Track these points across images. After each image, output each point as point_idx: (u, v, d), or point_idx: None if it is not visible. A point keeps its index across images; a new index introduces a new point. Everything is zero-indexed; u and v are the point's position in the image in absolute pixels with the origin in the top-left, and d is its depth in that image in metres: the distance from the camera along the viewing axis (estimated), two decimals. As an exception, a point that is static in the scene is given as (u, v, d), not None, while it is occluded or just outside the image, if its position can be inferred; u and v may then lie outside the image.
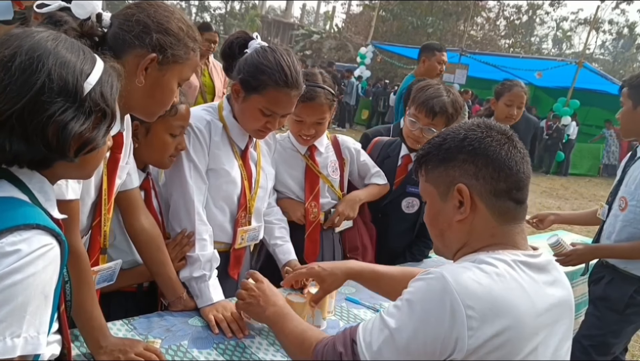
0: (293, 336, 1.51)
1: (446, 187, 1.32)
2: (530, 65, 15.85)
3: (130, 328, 1.76)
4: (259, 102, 1.98)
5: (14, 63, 0.99)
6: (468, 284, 1.16)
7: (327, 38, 32.01)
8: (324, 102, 2.30)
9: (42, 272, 1.00)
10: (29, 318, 0.98)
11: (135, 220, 1.85)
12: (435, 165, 1.35)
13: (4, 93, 0.98)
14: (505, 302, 1.16)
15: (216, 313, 1.87)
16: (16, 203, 1.04)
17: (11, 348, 0.96)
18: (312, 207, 2.48)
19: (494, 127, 1.33)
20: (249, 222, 2.21)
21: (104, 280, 1.77)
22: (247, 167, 2.17)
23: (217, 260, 2.02)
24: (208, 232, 2.03)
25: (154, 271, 1.90)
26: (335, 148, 2.58)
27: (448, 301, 1.14)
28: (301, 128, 2.36)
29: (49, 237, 1.03)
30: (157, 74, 1.54)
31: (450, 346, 1.15)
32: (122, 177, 1.75)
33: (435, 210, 1.37)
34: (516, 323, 1.16)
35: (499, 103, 3.95)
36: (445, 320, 1.14)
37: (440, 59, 4.45)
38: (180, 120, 1.90)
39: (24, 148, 1.02)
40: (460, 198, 1.30)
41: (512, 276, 1.20)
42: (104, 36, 1.49)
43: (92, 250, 1.70)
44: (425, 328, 1.17)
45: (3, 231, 0.97)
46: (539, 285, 1.25)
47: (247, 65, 1.98)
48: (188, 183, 2.01)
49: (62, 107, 1.02)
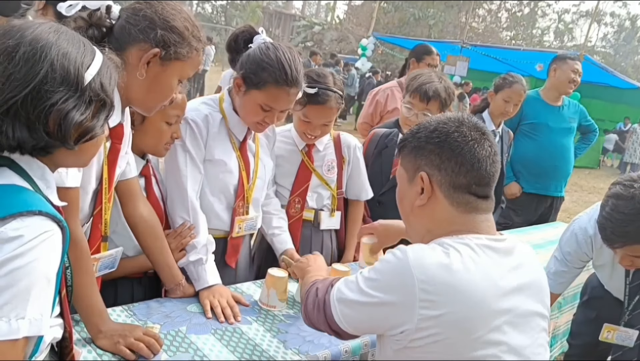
0: (308, 281, 1.65)
1: (413, 172, 1.43)
2: (531, 58, 15.79)
3: (130, 314, 1.79)
4: (258, 98, 2.01)
5: (18, 52, 1.03)
6: (427, 261, 1.25)
7: (329, 29, 31.94)
8: (333, 105, 2.35)
9: (44, 257, 1.03)
10: (32, 301, 1.02)
11: (134, 208, 1.89)
12: (408, 151, 1.45)
13: (8, 81, 1.02)
14: (462, 281, 1.23)
15: (212, 298, 1.93)
16: (18, 190, 1.07)
17: (16, 329, 0.99)
18: (296, 202, 2.52)
19: (466, 123, 1.39)
20: (246, 212, 2.25)
21: (106, 267, 1.81)
22: (245, 158, 2.21)
23: (213, 244, 2.07)
24: (202, 219, 2.08)
25: (153, 259, 1.94)
26: (337, 146, 2.59)
27: (403, 272, 1.25)
28: (307, 128, 2.40)
29: (50, 222, 1.06)
30: (158, 69, 1.57)
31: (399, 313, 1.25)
32: (122, 166, 1.78)
33: (402, 193, 1.49)
34: (471, 303, 1.23)
35: (497, 97, 3.93)
36: (397, 288, 1.27)
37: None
38: (175, 109, 1.94)
39: (27, 135, 1.05)
40: (422, 185, 1.39)
41: (471, 258, 1.28)
42: (111, 27, 1.54)
43: (93, 238, 1.74)
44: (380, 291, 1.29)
45: (5, 217, 1.00)
46: (503, 268, 1.31)
47: (249, 61, 2.02)
48: (182, 172, 2.06)
49: (63, 96, 1.06)
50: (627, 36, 38.40)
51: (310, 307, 1.48)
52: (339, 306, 1.37)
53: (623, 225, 1.99)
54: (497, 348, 1.24)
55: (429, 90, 2.63)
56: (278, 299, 1.99)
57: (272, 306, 1.99)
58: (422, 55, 4.26)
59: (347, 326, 1.38)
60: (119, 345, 1.57)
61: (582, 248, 2.45)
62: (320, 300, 1.44)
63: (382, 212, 2.76)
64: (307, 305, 1.51)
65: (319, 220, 2.57)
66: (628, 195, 1.98)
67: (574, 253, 2.49)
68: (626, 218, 1.97)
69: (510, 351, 1.26)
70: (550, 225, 4.20)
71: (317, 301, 1.45)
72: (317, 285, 1.52)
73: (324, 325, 1.44)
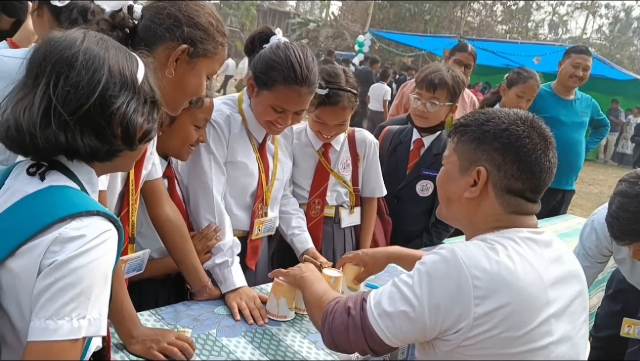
0: (316, 293, 1.58)
1: (469, 163, 1.37)
2: (528, 51, 15.78)
3: (159, 318, 1.77)
4: (269, 99, 1.98)
5: (78, 61, 1.04)
6: (476, 257, 1.24)
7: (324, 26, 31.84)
8: (347, 105, 2.30)
9: (104, 256, 1.04)
10: (93, 301, 1.02)
11: (160, 209, 1.87)
12: (469, 139, 1.38)
13: (74, 89, 1.03)
14: (511, 275, 1.22)
15: (239, 300, 1.90)
16: (73, 192, 1.08)
17: (77, 329, 0.99)
18: (316, 203, 2.49)
19: (536, 127, 1.35)
20: (265, 214, 2.23)
21: (133, 269, 1.79)
22: (264, 159, 2.19)
23: (238, 246, 2.05)
24: (227, 221, 2.06)
25: (178, 260, 1.91)
26: (351, 143, 2.56)
27: (455, 271, 1.22)
28: (322, 129, 2.38)
29: (108, 223, 1.07)
30: (186, 67, 1.55)
31: (455, 313, 1.21)
32: (147, 167, 1.77)
33: (449, 178, 1.43)
34: (522, 295, 1.22)
35: (510, 92, 3.91)
36: (451, 288, 1.21)
37: None
38: (204, 112, 1.93)
39: (96, 142, 1.07)
40: (477, 179, 1.35)
41: (516, 251, 1.27)
42: (134, 28, 1.52)
43: None
44: (432, 294, 1.23)
45: (66, 218, 1.01)
46: (545, 259, 1.31)
47: (259, 61, 2.00)
48: (207, 174, 2.03)
49: (126, 99, 1.08)
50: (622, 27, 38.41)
51: (340, 330, 1.37)
52: (383, 322, 1.30)
53: (629, 223, 1.98)
54: (547, 339, 1.24)
55: (435, 79, 2.64)
56: (289, 308, 1.91)
57: (282, 317, 1.90)
58: (455, 50, 4.24)
59: (393, 341, 1.30)
60: (152, 350, 1.55)
61: (602, 242, 2.44)
62: (354, 320, 1.34)
63: (399, 208, 2.78)
64: (332, 329, 1.40)
65: (340, 217, 2.54)
66: (633, 192, 1.97)
67: (595, 248, 2.47)
68: (632, 217, 1.96)
69: (559, 342, 1.26)
70: (561, 218, 4.20)
71: (350, 323, 1.35)
72: (337, 307, 1.42)
73: (361, 345, 1.35)
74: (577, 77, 4.15)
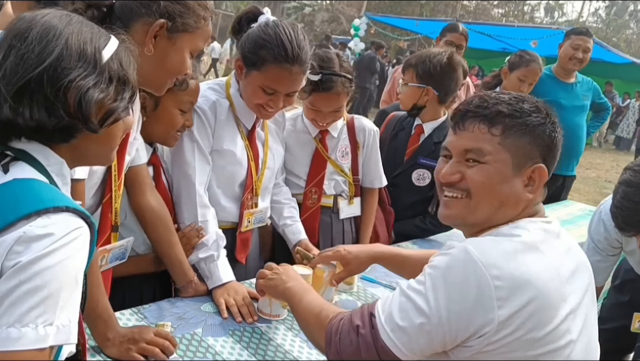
0: (311, 307, 1.44)
1: (524, 159, 1.25)
2: (525, 34, 15.63)
3: (141, 317, 1.66)
4: (258, 79, 1.87)
5: (31, 33, 0.97)
6: (492, 254, 1.13)
7: (319, 10, 31.55)
8: (340, 91, 2.18)
9: (74, 256, 0.93)
10: (62, 305, 0.91)
11: (142, 197, 1.77)
12: (521, 132, 1.25)
13: (22, 61, 0.96)
14: (530, 271, 1.13)
15: (227, 296, 1.80)
16: (41, 185, 0.97)
17: (43, 337, 0.89)
18: (313, 192, 2.37)
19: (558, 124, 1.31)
20: (255, 204, 2.11)
21: (116, 258, 1.70)
22: (253, 147, 2.07)
23: (223, 239, 1.94)
24: (211, 213, 1.95)
25: (162, 253, 1.82)
26: (350, 130, 2.44)
27: (473, 273, 1.11)
28: (316, 116, 2.26)
29: (79, 219, 0.96)
30: (166, 43, 1.45)
31: (478, 318, 1.10)
32: (131, 153, 1.67)
33: (502, 178, 1.24)
34: (543, 292, 1.12)
35: (512, 76, 3.80)
36: (471, 291, 1.10)
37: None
38: (190, 95, 1.82)
39: (45, 116, 0.96)
40: (533, 177, 1.25)
41: (533, 245, 1.18)
42: (111, 6, 1.41)
43: (103, 227, 1.64)
44: (450, 301, 1.12)
45: (31, 214, 0.91)
46: (559, 252, 1.22)
47: (248, 40, 1.88)
48: (190, 164, 1.93)
49: (82, 73, 0.99)
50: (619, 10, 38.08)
51: (350, 351, 1.24)
52: (397, 337, 1.17)
53: (634, 214, 1.89)
54: (568, 337, 1.15)
55: (406, 62, 2.65)
56: (282, 306, 1.77)
57: (275, 316, 1.78)
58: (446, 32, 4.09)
59: (409, 356, 1.18)
60: (131, 352, 1.46)
61: (611, 234, 2.34)
62: (365, 340, 1.21)
63: (395, 194, 2.67)
64: (341, 351, 1.26)
65: (338, 207, 2.43)
66: (637, 181, 1.88)
67: (605, 241, 2.38)
68: (637, 207, 1.87)
69: (578, 340, 1.18)
70: (562, 204, 4.12)
71: (361, 343, 1.22)
72: (342, 325, 1.28)
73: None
74: (577, 60, 4.04)
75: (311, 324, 1.41)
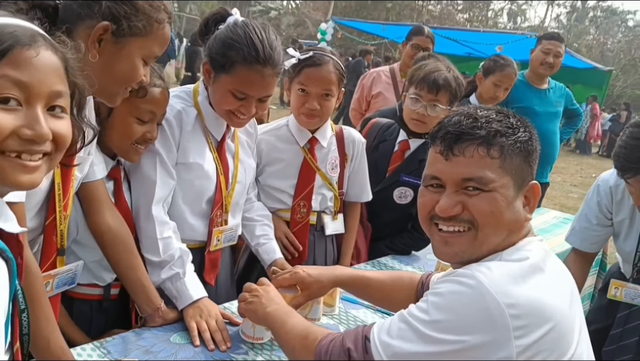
0: (295, 331, 1.35)
1: (522, 180, 1.18)
2: (490, 39, 15.79)
3: (104, 352, 1.50)
4: (229, 83, 1.74)
5: None
6: (503, 282, 1.04)
7: (285, 14, 31.46)
8: (331, 70, 2.07)
9: None
10: None
11: (99, 216, 1.62)
12: (516, 152, 1.17)
13: None
14: (544, 296, 1.06)
15: (199, 319, 1.66)
16: None
17: None
18: (301, 206, 2.23)
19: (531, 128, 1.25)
20: (225, 222, 1.97)
21: (64, 283, 1.56)
22: (223, 160, 1.93)
23: (189, 255, 1.80)
24: (171, 229, 1.79)
25: (123, 276, 1.67)
26: (339, 142, 2.31)
27: (484, 301, 1.02)
28: (305, 102, 2.09)
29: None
30: (112, 48, 1.31)
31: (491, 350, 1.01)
32: (83, 169, 1.52)
33: (507, 204, 1.15)
34: (560, 316, 1.06)
35: (486, 81, 3.74)
36: (483, 321, 1.01)
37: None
38: (150, 104, 1.66)
39: None
40: (528, 195, 1.20)
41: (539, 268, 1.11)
42: (56, 8, 1.26)
43: (48, 251, 1.49)
44: (459, 331, 1.03)
45: None
46: (558, 271, 1.17)
47: (215, 41, 1.76)
48: (150, 178, 1.78)
49: None
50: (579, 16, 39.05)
51: None
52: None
53: (636, 151, 1.97)
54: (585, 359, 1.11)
55: (439, 79, 2.31)
56: (265, 329, 1.62)
57: (258, 339, 1.66)
58: (411, 35, 4.01)
59: None
60: None
61: (603, 199, 2.42)
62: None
63: (376, 210, 2.54)
64: None
65: (322, 224, 2.30)
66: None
67: (596, 207, 2.44)
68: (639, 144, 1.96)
69: None
70: (537, 212, 4.06)
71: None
72: (333, 348, 1.20)
73: None
74: (548, 64, 4.03)
75: (297, 348, 1.31)
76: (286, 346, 1.38)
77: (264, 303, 1.51)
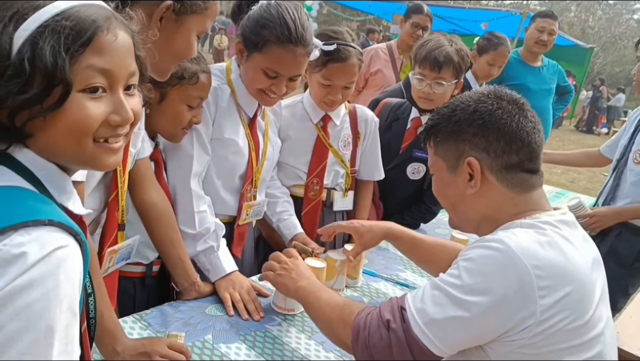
0: (332, 306, 1.39)
1: (456, 160, 1.29)
2: (475, 16, 15.79)
3: (145, 325, 1.55)
4: (261, 62, 1.77)
5: None
6: (530, 245, 1.11)
7: (267, -11, 31.00)
8: (355, 62, 2.08)
9: (65, 282, 0.75)
10: (58, 346, 0.74)
11: (145, 193, 1.66)
12: (444, 137, 1.31)
13: None
14: (566, 260, 1.12)
15: (232, 290, 1.73)
16: (23, 194, 0.81)
17: None
18: (314, 183, 2.27)
19: (505, 97, 1.29)
20: (254, 197, 2.02)
21: (123, 258, 1.60)
22: (254, 137, 1.97)
23: (222, 229, 1.86)
24: (206, 203, 1.85)
25: (164, 252, 1.72)
26: (352, 119, 2.34)
27: (512, 263, 1.09)
28: (328, 93, 2.12)
29: (64, 235, 0.79)
30: (173, 25, 1.34)
31: (520, 310, 1.07)
32: (136, 144, 1.56)
33: (444, 183, 1.34)
34: (580, 279, 1.12)
35: (480, 60, 3.81)
36: (512, 282, 1.08)
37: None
38: (199, 90, 1.70)
39: None
40: (471, 171, 1.26)
41: (561, 235, 1.17)
42: None
43: (110, 227, 1.53)
44: (490, 293, 1.09)
45: (6, 228, 0.74)
46: (580, 241, 1.22)
47: (249, 21, 1.78)
48: (187, 154, 1.82)
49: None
50: (561, -7, 39.17)
51: (381, 346, 1.19)
52: (431, 331, 1.13)
53: None
54: (601, 324, 1.16)
55: (439, 56, 2.32)
56: None
57: (290, 311, 1.73)
58: (410, 13, 4.04)
59: (444, 351, 1.14)
60: None
61: None
62: (397, 334, 1.17)
63: (389, 188, 2.59)
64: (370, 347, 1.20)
65: (332, 200, 2.34)
66: None
67: None
68: None
69: (607, 326, 1.19)
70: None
71: (392, 338, 1.17)
72: (371, 320, 1.23)
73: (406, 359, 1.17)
74: (542, 42, 4.11)
75: (334, 321, 1.35)
76: (322, 320, 1.42)
77: (294, 278, 1.56)
